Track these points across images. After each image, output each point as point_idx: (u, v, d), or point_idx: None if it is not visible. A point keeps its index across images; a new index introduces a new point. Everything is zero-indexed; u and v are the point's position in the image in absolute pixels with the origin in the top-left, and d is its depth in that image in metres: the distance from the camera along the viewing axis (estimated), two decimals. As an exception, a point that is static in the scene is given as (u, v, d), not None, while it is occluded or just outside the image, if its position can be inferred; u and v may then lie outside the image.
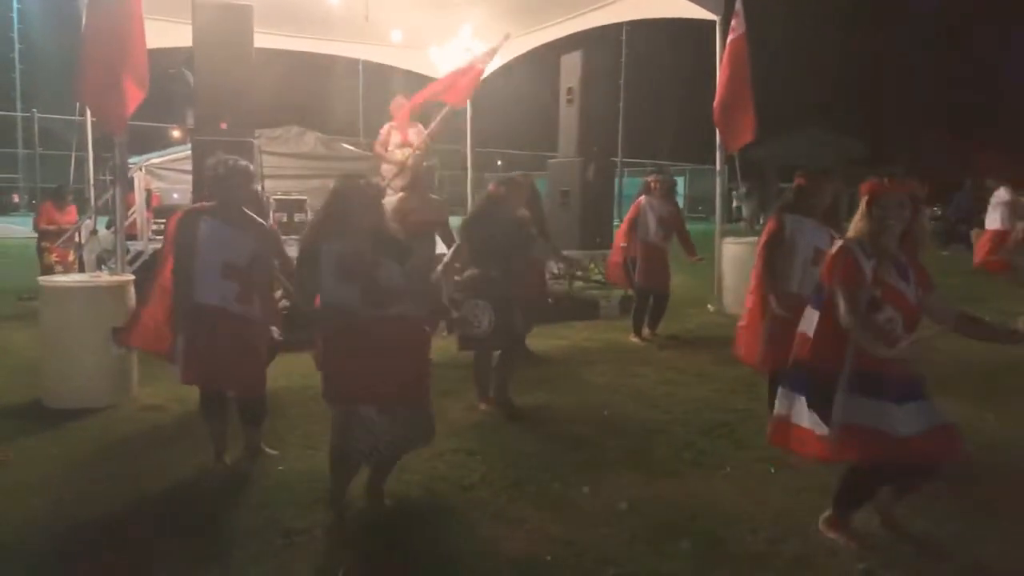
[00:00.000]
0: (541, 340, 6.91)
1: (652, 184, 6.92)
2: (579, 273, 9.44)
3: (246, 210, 3.71)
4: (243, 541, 3.00)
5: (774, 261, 4.11)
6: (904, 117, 26.81)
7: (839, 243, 3.00)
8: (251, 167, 3.78)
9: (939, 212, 17.88)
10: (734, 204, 21.07)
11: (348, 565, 2.82)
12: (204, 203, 3.81)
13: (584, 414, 4.74)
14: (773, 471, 3.73)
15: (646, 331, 6.92)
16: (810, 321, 3.02)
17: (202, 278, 3.57)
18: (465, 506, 3.38)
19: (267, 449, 3.87)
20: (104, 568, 2.82)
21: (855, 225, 2.96)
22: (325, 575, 2.78)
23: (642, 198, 6.86)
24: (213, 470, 3.71)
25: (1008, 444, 4.23)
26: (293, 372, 5.08)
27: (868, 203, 2.91)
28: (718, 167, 8.60)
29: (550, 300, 7.77)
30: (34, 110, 16.63)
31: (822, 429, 2.86)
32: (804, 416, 2.94)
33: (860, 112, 25.67)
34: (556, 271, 9.56)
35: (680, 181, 25.98)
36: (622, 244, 6.97)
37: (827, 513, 3.06)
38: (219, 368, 3.59)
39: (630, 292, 7.38)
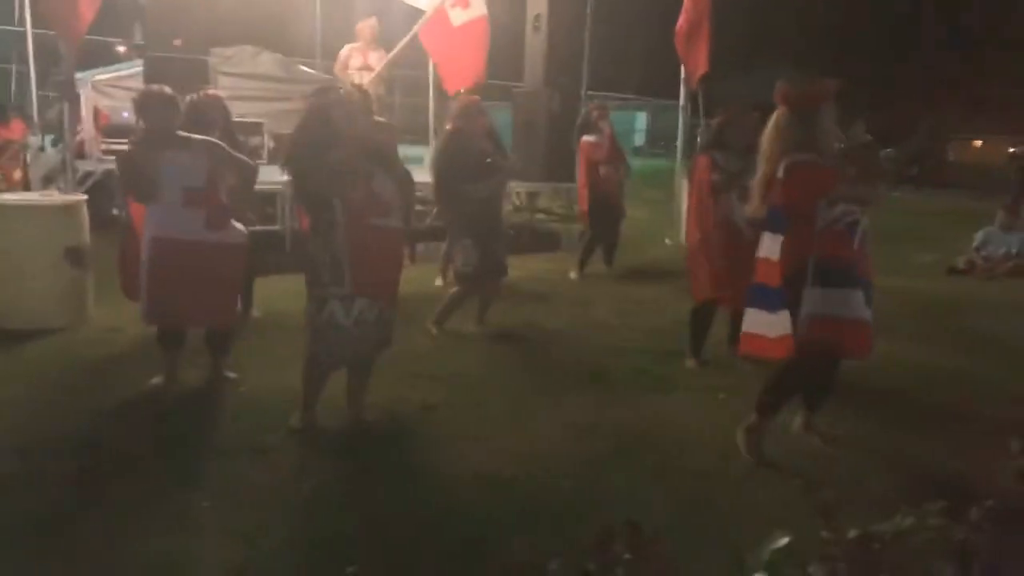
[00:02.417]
0: (502, 270, 7.00)
1: (596, 114, 6.82)
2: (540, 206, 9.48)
3: (184, 134, 3.59)
4: (215, 457, 3.08)
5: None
6: (870, 55, 26.91)
7: (792, 160, 3.08)
8: (167, 92, 3.63)
9: (891, 153, 18.26)
10: (698, 140, 21.08)
11: (316, 484, 2.92)
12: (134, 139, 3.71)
13: (544, 341, 4.87)
14: (722, 397, 3.93)
15: (602, 266, 6.97)
16: (771, 245, 3.23)
17: (160, 211, 3.50)
18: (428, 425, 3.50)
19: (228, 373, 3.89)
20: (77, 484, 2.86)
21: (775, 131, 3.14)
22: (294, 491, 2.87)
23: (589, 137, 6.72)
24: (165, 391, 3.72)
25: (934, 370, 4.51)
26: (268, 296, 5.10)
27: (795, 108, 3.10)
28: (681, 102, 8.62)
29: (511, 232, 7.80)
30: (-33, 19, 15.62)
31: (784, 331, 3.18)
32: (767, 326, 3.33)
33: (826, 49, 25.69)
34: (517, 203, 9.59)
35: (642, 116, 25.81)
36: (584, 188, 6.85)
37: (747, 421, 3.26)
38: (186, 303, 3.54)
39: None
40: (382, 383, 3.76)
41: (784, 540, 1.24)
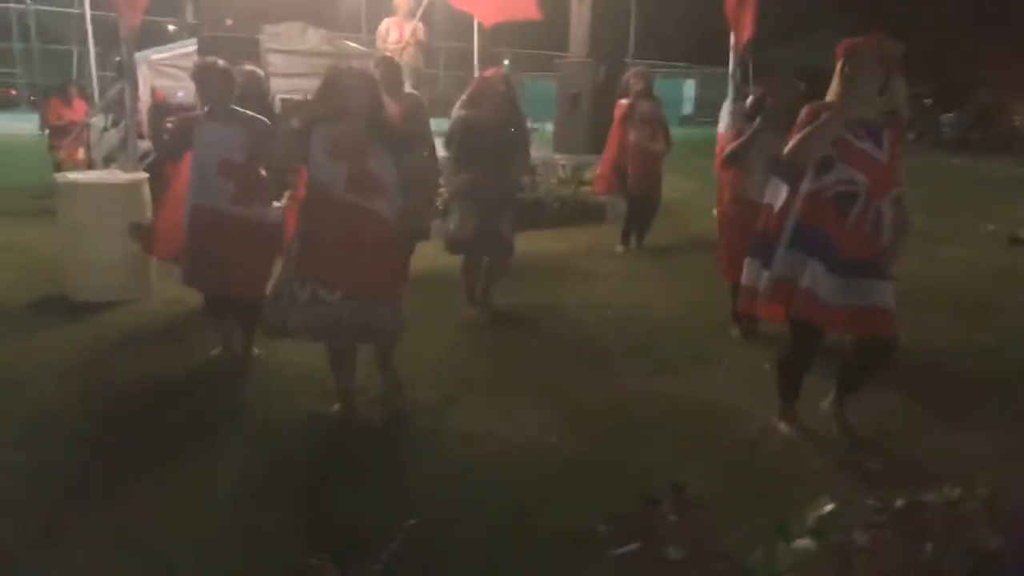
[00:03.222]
0: (547, 243, 7.03)
1: (633, 82, 6.62)
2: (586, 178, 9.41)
3: (237, 108, 3.68)
4: (261, 428, 3.22)
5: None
6: (924, 23, 25.75)
7: (814, 104, 2.96)
8: (223, 64, 3.72)
9: (953, 118, 17.54)
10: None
11: (365, 449, 3.03)
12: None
13: (588, 313, 4.90)
14: (767, 367, 3.90)
15: (633, 242, 6.84)
16: (776, 192, 3.09)
17: (198, 180, 3.62)
18: (471, 395, 3.57)
19: (256, 350, 3.90)
20: (139, 447, 3.03)
21: (832, 88, 2.93)
22: (338, 461, 3.00)
23: (624, 100, 6.61)
24: (221, 358, 3.86)
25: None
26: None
27: (841, 62, 2.87)
28: (731, 69, 8.42)
29: (556, 204, 7.75)
30: (28, 2, 16.11)
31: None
32: (760, 278, 3.11)
33: (877, 15, 24.68)
34: (562, 175, 9.54)
35: (692, 84, 25.21)
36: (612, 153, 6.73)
37: (777, 409, 3.21)
38: (214, 271, 3.64)
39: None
40: (429, 351, 3.85)
41: (829, 507, 1.27)
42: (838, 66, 2.88)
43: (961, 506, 1.29)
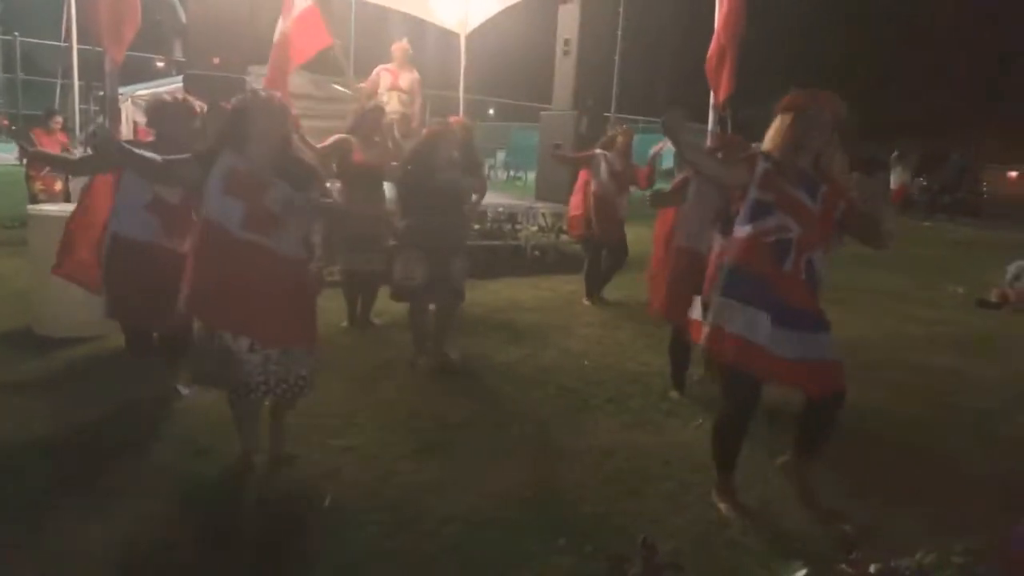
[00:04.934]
0: (526, 291, 7.04)
1: (617, 138, 6.60)
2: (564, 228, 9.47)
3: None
4: (194, 479, 3.13)
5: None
6: (907, 86, 26.70)
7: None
8: (187, 101, 3.65)
9: (924, 183, 18.03)
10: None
11: (335, 497, 2.95)
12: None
13: (565, 363, 4.87)
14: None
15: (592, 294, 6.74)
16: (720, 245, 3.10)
17: (127, 211, 3.49)
18: (448, 444, 3.51)
19: (181, 388, 3.78)
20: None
21: (769, 137, 2.91)
22: (316, 506, 2.91)
23: (598, 150, 6.59)
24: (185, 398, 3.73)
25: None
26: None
27: (791, 116, 2.84)
28: (710, 126, 8.61)
29: (537, 252, 7.76)
30: (16, 34, 16.14)
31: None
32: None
33: (858, 78, 25.57)
34: (542, 223, 9.61)
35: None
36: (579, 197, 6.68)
37: (716, 483, 3.06)
38: (143, 305, 3.49)
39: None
40: (406, 394, 3.79)
41: (802, 571, 1.25)
42: (783, 118, 2.88)
43: (936, 573, 1.27)
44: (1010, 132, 22.17)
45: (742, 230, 2.84)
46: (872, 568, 1.25)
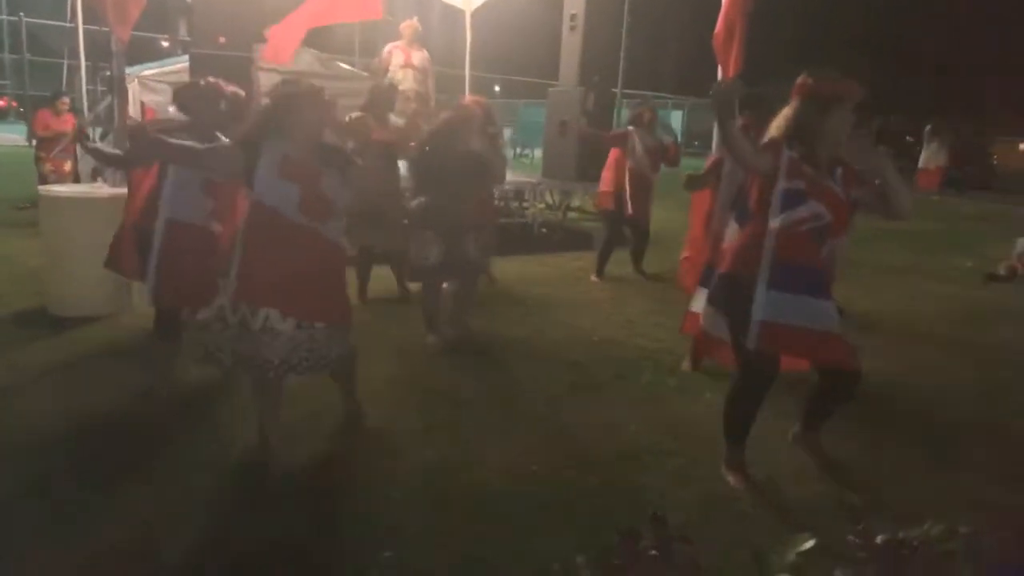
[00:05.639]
0: (534, 268, 7.05)
1: (645, 115, 6.74)
2: (575, 204, 9.47)
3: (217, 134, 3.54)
4: (227, 450, 3.18)
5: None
6: (918, 67, 26.38)
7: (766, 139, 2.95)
8: (217, 84, 3.63)
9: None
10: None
11: (346, 474, 2.99)
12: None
13: (575, 340, 4.90)
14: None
15: (612, 270, 6.79)
16: (733, 234, 3.17)
17: (182, 196, 3.47)
18: (456, 422, 3.55)
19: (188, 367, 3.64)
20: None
21: (777, 123, 2.91)
22: (323, 479, 2.96)
23: (631, 127, 6.73)
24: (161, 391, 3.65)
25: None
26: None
27: (819, 103, 2.82)
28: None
29: (545, 231, 7.76)
30: (21, 14, 16.06)
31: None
32: (720, 326, 3.16)
33: (865, 55, 25.24)
34: (550, 201, 9.60)
35: (679, 115, 25.53)
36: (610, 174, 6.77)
37: (724, 457, 3.11)
38: (193, 290, 3.43)
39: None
40: (415, 372, 3.82)
41: (810, 542, 1.27)
42: (803, 104, 2.85)
43: (943, 544, 1.29)
44: (1021, 104, 21.89)
45: (774, 222, 2.80)
46: (879, 539, 1.27)
